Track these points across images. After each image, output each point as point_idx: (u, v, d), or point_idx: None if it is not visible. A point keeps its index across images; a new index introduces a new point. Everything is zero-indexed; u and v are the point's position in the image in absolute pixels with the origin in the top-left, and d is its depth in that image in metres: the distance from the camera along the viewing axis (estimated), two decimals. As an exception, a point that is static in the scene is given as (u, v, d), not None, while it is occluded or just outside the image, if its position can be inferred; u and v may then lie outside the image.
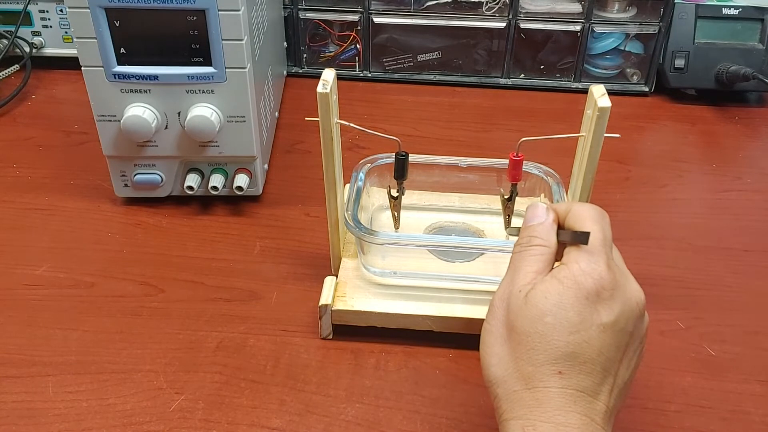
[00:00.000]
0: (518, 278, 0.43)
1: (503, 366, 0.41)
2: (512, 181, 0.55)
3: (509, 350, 0.41)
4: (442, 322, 0.56)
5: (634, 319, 0.41)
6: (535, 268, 0.43)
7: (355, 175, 0.60)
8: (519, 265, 0.43)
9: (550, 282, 0.41)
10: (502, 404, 0.40)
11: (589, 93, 0.51)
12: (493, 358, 0.42)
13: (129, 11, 0.60)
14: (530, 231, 0.45)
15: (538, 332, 0.40)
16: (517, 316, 0.41)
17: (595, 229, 0.42)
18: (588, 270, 0.40)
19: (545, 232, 0.44)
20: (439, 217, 0.65)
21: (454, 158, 0.62)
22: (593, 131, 0.51)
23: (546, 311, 0.40)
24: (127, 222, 0.70)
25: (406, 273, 0.59)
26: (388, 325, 0.56)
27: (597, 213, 0.44)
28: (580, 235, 0.42)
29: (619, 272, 0.42)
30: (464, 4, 0.93)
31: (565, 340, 0.39)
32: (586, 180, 0.54)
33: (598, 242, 0.42)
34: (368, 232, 0.55)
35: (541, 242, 0.44)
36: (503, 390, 0.40)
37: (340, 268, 0.60)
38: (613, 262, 0.42)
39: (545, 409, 0.38)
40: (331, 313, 0.56)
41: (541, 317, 0.40)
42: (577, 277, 0.40)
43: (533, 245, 0.44)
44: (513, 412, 0.39)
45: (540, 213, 0.45)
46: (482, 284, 0.58)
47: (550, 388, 0.39)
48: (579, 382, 0.39)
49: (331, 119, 0.52)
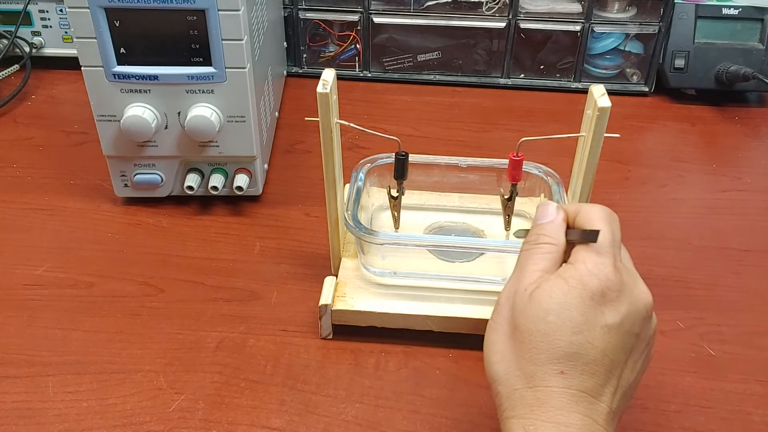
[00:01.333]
0: (524, 276, 0.42)
1: (506, 364, 0.41)
2: (512, 181, 0.55)
3: (512, 348, 0.41)
4: (442, 322, 0.56)
5: (640, 321, 0.41)
6: (542, 266, 0.42)
7: (355, 175, 0.60)
8: (526, 264, 0.43)
9: (556, 281, 0.41)
10: (503, 402, 0.40)
11: (589, 93, 0.51)
12: (496, 355, 0.41)
13: (129, 11, 0.60)
14: (539, 229, 0.45)
15: (541, 331, 0.39)
16: (521, 314, 0.41)
17: (605, 229, 0.42)
18: (594, 270, 0.40)
19: (554, 230, 0.44)
20: (439, 217, 0.65)
21: (454, 158, 0.62)
22: (593, 131, 0.51)
23: (550, 310, 0.40)
24: (127, 222, 0.70)
25: (406, 273, 0.59)
26: (388, 325, 0.56)
27: (607, 214, 0.43)
28: (590, 233, 0.42)
29: (627, 273, 0.41)
30: (464, 4, 0.93)
31: (568, 339, 0.39)
32: (586, 180, 0.54)
33: (607, 243, 0.41)
34: (368, 232, 0.55)
35: (549, 240, 0.44)
36: (505, 388, 0.40)
37: (340, 268, 0.60)
38: (621, 264, 0.42)
39: (546, 408, 0.38)
40: (331, 313, 0.56)
41: (544, 316, 0.40)
42: (583, 276, 0.40)
43: (541, 243, 0.44)
44: (514, 410, 0.39)
45: (550, 212, 0.45)
46: (482, 284, 0.58)
47: (551, 388, 0.39)
48: (581, 382, 0.39)
49: (331, 119, 0.52)
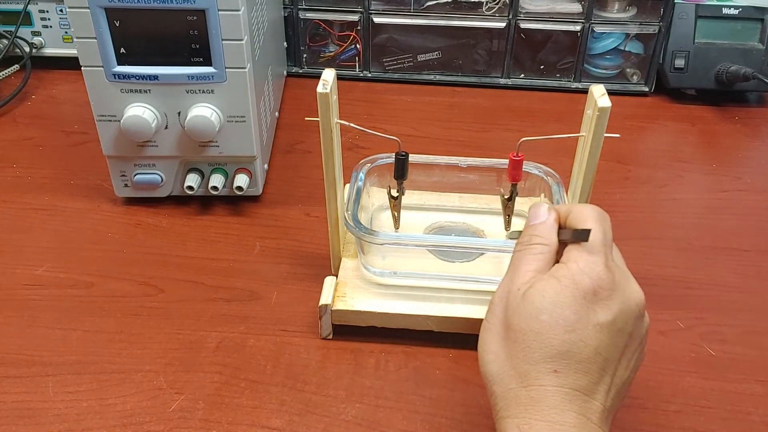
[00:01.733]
0: (517, 277, 0.43)
1: (499, 364, 0.41)
2: (512, 181, 0.55)
3: (506, 348, 0.41)
4: (442, 322, 0.56)
5: (633, 320, 0.41)
6: (535, 266, 0.43)
7: (355, 175, 0.60)
8: (519, 264, 0.44)
9: (548, 280, 0.41)
10: (498, 402, 0.40)
11: (589, 93, 0.51)
12: (490, 355, 0.42)
13: (129, 11, 0.60)
14: (532, 230, 0.45)
15: (534, 330, 0.40)
16: (514, 313, 0.41)
17: (596, 229, 0.42)
18: (586, 269, 0.40)
19: (546, 231, 0.44)
20: (439, 217, 0.65)
21: (454, 158, 0.62)
22: (593, 131, 0.51)
23: (542, 309, 0.40)
24: (127, 222, 0.70)
25: (406, 273, 0.59)
26: (388, 325, 0.56)
27: (598, 213, 0.44)
28: (581, 232, 0.42)
29: (619, 272, 0.42)
30: (464, 4, 0.93)
31: (561, 338, 0.39)
32: (586, 180, 0.54)
33: (598, 242, 0.42)
34: (368, 232, 0.55)
35: (541, 241, 0.44)
36: (499, 388, 0.40)
37: (340, 268, 0.60)
38: (613, 263, 0.42)
39: (540, 407, 0.38)
40: (331, 312, 0.56)
41: (537, 315, 0.40)
42: (575, 275, 0.40)
43: (534, 244, 0.44)
44: (509, 410, 0.39)
45: (542, 213, 0.45)
46: (482, 284, 0.58)
47: (545, 387, 0.39)
48: (575, 381, 0.39)
49: (331, 119, 0.51)
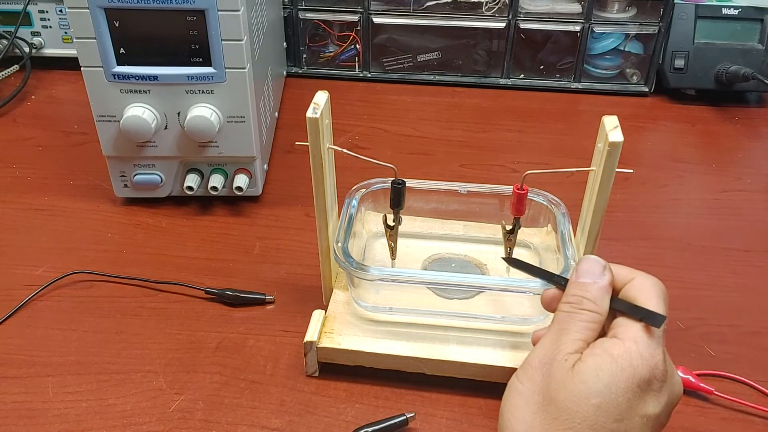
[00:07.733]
0: (564, 344, 0.39)
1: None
2: (515, 215, 0.52)
3: (542, 422, 0.38)
4: (434, 365, 0.52)
5: (670, 413, 0.39)
6: (584, 336, 0.39)
7: (348, 201, 0.56)
8: (566, 328, 0.40)
9: (603, 357, 0.37)
10: None
11: (601, 125, 0.49)
12: (520, 425, 0.38)
13: (128, 11, 0.60)
14: (583, 290, 0.41)
15: (582, 412, 0.36)
16: (561, 388, 0.38)
17: (662, 310, 0.39)
18: (646, 355, 0.37)
19: (599, 296, 0.40)
20: (439, 247, 0.61)
21: (453, 184, 0.59)
22: (603, 166, 0.48)
23: (596, 392, 0.37)
24: (126, 222, 0.70)
25: (401, 309, 0.55)
26: (378, 365, 0.53)
27: (663, 292, 0.40)
28: (654, 316, 0.38)
29: (669, 363, 0.39)
30: (464, 4, 0.93)
31: (610, 427, 0.36)
32: (596, 216, 0.51)
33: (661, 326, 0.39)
34: (359, 267, 0.51)
35: (593, 308, 0.40)
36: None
37: (331, 301, 0.56)
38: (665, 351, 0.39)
39: None
40: (317, 350, 0.52)
41: (588, 397, 0.37)
42: (634, 360, 0.37)
43: (584, 310, 0.40)
44: None
45: (595, 270, 0.41)
46: (481, 322, 0.54)
47: None
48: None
49: (321, 145, 0.48)
